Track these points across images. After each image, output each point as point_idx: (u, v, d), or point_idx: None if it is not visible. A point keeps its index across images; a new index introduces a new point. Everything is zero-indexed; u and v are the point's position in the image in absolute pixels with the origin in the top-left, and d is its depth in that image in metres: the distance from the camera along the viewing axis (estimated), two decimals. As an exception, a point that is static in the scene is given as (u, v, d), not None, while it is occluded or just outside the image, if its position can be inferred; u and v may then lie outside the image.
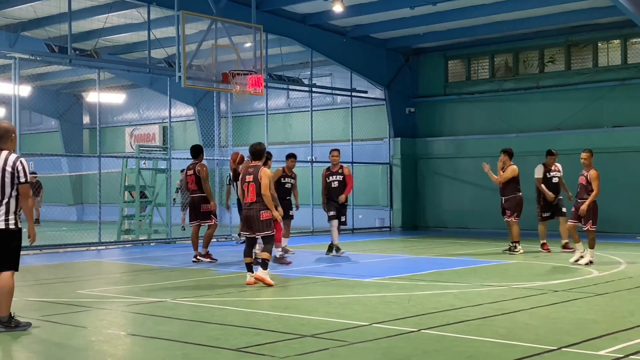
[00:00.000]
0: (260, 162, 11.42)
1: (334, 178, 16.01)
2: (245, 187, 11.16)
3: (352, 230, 23.79)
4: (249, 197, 11.14)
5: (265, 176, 11.07)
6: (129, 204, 20.27)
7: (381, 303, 9.50)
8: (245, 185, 11.16)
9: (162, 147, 22.54)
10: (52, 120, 33.94)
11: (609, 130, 22.18)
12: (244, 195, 11.17)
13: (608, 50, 22.63)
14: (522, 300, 9.76)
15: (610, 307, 9.18)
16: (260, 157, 11.40)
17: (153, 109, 30.43)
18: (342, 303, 9.63)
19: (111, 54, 25.14)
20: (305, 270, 13.43)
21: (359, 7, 21.22)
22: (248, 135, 28.08)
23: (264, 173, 11.10)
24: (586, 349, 6.83)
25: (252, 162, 11.42)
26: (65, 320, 8.51)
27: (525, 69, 24.09)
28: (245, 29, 18.81)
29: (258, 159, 11.43)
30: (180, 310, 9.13)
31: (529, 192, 17.00)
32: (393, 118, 25.34)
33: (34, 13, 21.54)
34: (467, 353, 6.74)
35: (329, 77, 26.37)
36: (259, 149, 11.40)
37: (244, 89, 18.00)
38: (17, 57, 17.38)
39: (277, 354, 6.72)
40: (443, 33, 23.71)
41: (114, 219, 20.92)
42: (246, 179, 11.17)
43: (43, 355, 6.90)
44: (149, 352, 6.98)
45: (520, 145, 23.52)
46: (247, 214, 11.17)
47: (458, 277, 12.30)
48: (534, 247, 16.71)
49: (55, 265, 14.73)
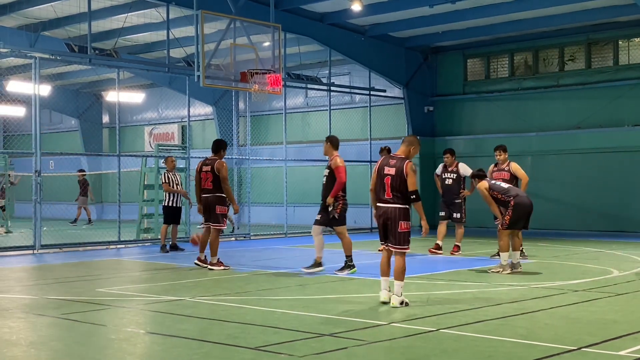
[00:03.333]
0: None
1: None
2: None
3: (371, 229, 23.76)
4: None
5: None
6: (148, 203, 20.34)
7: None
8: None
9: (181, 146, 22.58)
10: (72, 120, 34.14)
11: (630, 129, 22.01)
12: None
13: (629, 48, 22.46)
14: (542, 299, 9.70)
15: (631, 307, 9.10)
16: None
17: (172, 108, 30.52)
18: (361, 302, 9.61)
19: (130, 54, 25.26)
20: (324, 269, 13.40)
21: (378, 5, 21.18)
22: (266, 134, 28.13)
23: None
24: (606, 349, 6.78)
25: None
26: (85, 319, 8.55)
27: (545, 67, 23.96)
28: (263, 28, 18.83)
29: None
30: (199, 308, 9.15)
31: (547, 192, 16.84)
32: (412, 117, 25.27)
33: (54, 13, 21.68)
34: (487, 353, 6.70)
35: (348, 76, 26.35)
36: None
37: (263, 88, 18.03)
38: (38, 56, 17.49)
39: (296, 352, 6.71)
40: (462, 31, 23.61)
41: (133, 218, 21.01)
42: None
43: (63, 353, 6.93)
44: (168, 350, 7.00)
45: (540, 144, 23.44)
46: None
47: (477, 276, 12.25)
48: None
49: (75, 264, 14.80)
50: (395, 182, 9.24)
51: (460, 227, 15.92)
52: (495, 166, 14.79)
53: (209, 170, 13.31)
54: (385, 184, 9.28)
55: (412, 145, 9.49)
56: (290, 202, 23.20)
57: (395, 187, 9.24)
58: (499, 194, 12.57)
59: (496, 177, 14.20)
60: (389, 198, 9.27)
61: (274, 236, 21.88)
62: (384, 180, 9.31)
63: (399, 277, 9.21)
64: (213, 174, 13.26)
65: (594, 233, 21.73)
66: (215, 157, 13.48)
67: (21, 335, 7.64)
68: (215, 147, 13.61)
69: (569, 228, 22.67)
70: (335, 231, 13.00)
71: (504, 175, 14.31)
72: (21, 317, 8.68)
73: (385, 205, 9.30)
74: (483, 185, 12.73)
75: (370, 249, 17.31)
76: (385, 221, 9.30)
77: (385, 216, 9.29)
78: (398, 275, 9.21)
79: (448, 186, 16.08)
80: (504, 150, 14.85)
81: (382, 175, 9.33)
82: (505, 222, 12.45)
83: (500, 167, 14.64)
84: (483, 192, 12.67)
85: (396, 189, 9.24)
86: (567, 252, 16.27)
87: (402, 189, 9.24)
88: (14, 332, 7.81)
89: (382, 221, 9.33)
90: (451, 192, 16.00)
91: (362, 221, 24.71)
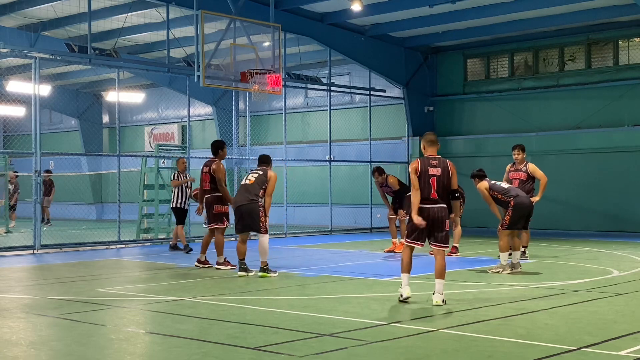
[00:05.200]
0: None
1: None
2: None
3: (371, 230, 23.77)
4: None
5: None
6: (148, 203, 20.34)
7: (399, 302, 9.46)
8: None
9: (181, 146, 22.59)
10: (72, 120, 34.14)
11: (630, 129, 22.01)
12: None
13: (629, 48, 22.46)
14: (542, 299, 9.70)
15: (631, 307, 9.10)
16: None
17: (172, 108, 30.53)
18: (361, 302, 9.61)
19: (130, 54, 25.26)
20: (323, 269, 13.42)
21: (378, 5, 21.18)
22: (266, 134, 28.14)
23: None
24: (606, 349, 6.78)
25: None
26: (85, 319, 8.55)
27: (545, 67, 23.96)
28: (263, 28, 18.83)
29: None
30: (199, 308, 9.15)
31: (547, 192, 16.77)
32: (412, 117, 25.28)
33: (54, 13, 21.68)
34: (487, 353, 6.70)
35: (348, 76, 26.36)
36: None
37: (263, 88, 18.03)
38: (38, 56, 17.50)
39: (296, 352, 6.71)
40: (462, 31, 23.62)
41: (133, 218, 21.01)
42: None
43: (63, 353, 6.93)
44: (168, 350, 6.99)
45: (540, 144, 23.44)
46: None
47: (477, 276, 12.24)
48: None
49: (74, 264, 14.80)
50: (441, 182, 9.40)
51: (457, 227, 15.86)
52: (513, 165, 14.53)
53: (207, 171, 13.43)
54: (431, 184, 9.39)
55: (437, 143, 9.74)
56: (290, 202, 23.21)
57: (441, 187, 9.40)
58: (499, 194, 12.57)
59: (513, 177, 14.15)
60: (436, 198, 9.38)
61: (273, 236, 21.83)
62: (429, 180, 9.39)
63: (442, 276, 9.34)
64: (210, 175, 13.38)
65: (594, 233, 21.73)
66: (215, 158, 13.54)
67: (21, 335, 7.64)
68: (214, 149, 13.68)
69: (569, 228, 22.67)
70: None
71: (520, 176, 14.11)
72: (21, 317, 8.68)
73: (433, 206, 9.38)
74: (483, 186, 12.73)
75: (370, 249, 17.32)
76: (433, 221, 9.36)
77: (433, 216, 9.36)
78: (442, 273, 9.34)
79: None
80: (523, 149, 14.43)
81: (427, 175, 9.40)
82: (505, 222, 12.45)
83: (518, 167, 14.29)
84: (483, 192, 12.66)
85: (442, 188, 9.41)
86: (567, 252, 16.27)
87: (447, 188, 9.44)
88: (14, 332, 7.81)
89: (430, 221, 9.37)
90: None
91: (363, 221, 24.75)
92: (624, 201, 22.08)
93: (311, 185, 26.44)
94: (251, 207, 12.22)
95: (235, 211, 12.43)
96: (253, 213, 12.23)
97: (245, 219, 12.29)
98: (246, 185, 12.47)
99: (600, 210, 22.38)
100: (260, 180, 12.39)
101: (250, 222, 12.27)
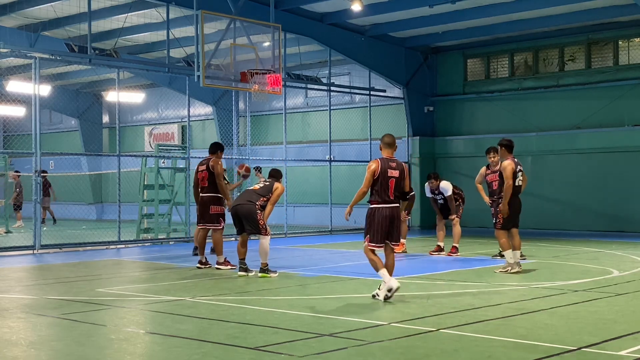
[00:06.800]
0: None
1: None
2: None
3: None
4: None
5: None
6: (148, 203, 20.35)
7: (400, 302, 9.47)
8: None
9: (181, 146, 22.58)
10: (72, 120, 34.15)
11: (630, 129, 22.01)
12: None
13: (629, 48, 22.47)
14: (541, 300, 9.70)
15: (631, 307, 9.10)
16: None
17: (172, 108, 30.54)
18: (361, 302, 9.61)
19: (130, 54, 25.26)
20: (323, 269, 13.42)
21: (378, 5, 21.19)
22: (266, 134, 28.13)
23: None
24: (606, 349, 6.78)
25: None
26: (85, 319, 8.55)
27: (545, 67, 23.96)
28: (263, 28, 18.82)
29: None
30: (199, 308, 9.15)
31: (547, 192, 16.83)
32: (412, 117, 25.28)
33: (54, 13, 21.69)
34: (486, 353, 6.70)
35: (348, 76, 26.36)
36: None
37: (263, 88, 18.03)
38: (38, 56, 17.50)
39: (296, 352, 6.71)
40: (462, 31, 23.63)
41: (133, 218, 21.01)
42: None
43: (63, 353, 6.93)
44: (168, 350, 6.99)
45: (540, 144, 23.45)
46: None
47: (477, 276, 12.25)
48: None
49: (75, 264, 14.80)
50: (398, 184, 9.79)
51: (457, 226, 15.84)
52: (488, 168, 14.48)
53: (205, 169, 13.31)
54: (390, 185, 9.72)
55: (395, 145, 10.16)
56: (290, 202, 23.20)
57: (397, 188, 9.79)
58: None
59: (490, 179, 14.16)
60: (393, 199, 9.77)
61: (273, 236, 21.76)
62: (388, 182, 9.73)
63: (392, 272, 9.77)
64: (209, 171, 13.24)
65: (594, 233, 21.73)
66: (211, 156, 13.46)
67: (21, 335, 7.64)
68: (212, 149, 13.61)
69: (569, 228, 22.66)
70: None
71: (498, 177, 14.10)
72: (21, 317, 8.68)
73: (391, 206, 9.78)
74: (510, 166, 12.50)
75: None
76: (391, 221, 9.73)
77: (391, 216, 9.75)
78: (392, 270, 9.80)
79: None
80: (497, 152, 13.86)
81: (387, 177, 9.72)
82: (499, 222, 12.51)
83: (494, 169, 14.13)
84: (507, 170, 12.40)
85: (398, 189, 9.79)
86: (567, 252, 16.27)
87: (401, 189, 9.86)
88: (14, 332, 7.81)
89: (388, 221, 9.72)
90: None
91: (362, 221, 24.70)
92: (623, 201, 22.08)
93: (311, 185, 26.42)
94: (248, 208, 12.16)
95: (231, 211, 12.40)
96: (250, 216, 12.14)
97: (244, 224, 12.23)
98: (249, 190, 12.52)
99: (600, 211, 22.37)
100: (266, 189, 12.40)
101: (250, 227, 12.22)
